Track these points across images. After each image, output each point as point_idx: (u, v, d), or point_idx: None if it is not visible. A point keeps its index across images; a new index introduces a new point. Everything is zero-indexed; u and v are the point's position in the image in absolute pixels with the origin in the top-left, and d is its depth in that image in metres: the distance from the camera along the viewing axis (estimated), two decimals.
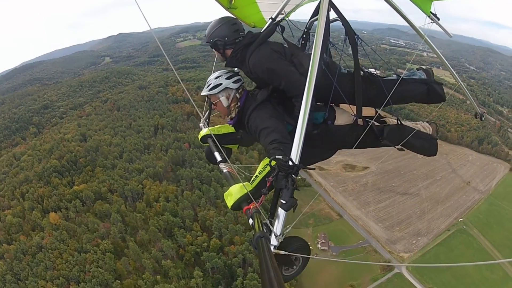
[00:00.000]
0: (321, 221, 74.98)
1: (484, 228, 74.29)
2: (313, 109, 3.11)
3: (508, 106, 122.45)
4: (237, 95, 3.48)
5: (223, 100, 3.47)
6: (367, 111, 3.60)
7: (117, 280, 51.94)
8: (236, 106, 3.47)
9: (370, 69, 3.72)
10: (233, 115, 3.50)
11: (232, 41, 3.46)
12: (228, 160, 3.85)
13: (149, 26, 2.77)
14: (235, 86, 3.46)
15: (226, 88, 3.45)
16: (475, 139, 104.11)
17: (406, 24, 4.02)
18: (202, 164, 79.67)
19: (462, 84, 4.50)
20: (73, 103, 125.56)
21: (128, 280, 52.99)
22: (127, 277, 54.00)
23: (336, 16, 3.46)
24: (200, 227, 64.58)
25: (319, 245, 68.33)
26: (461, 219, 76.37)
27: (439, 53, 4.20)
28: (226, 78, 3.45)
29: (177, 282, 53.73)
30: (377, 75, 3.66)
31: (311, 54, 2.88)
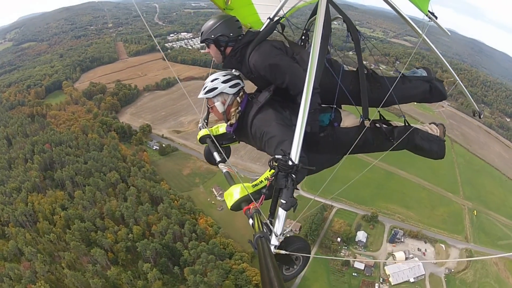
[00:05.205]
0: (206, 177, 78.99)
1: None
2: (319, 110, 3.00)
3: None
4: (238, 99, 3.25)
5: (218, 105, 3.27)
6: (371, 113, 3.42)
7: None
8: (237, 111, 3.23)
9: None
10: (233, 121, 3.26)
11: (235, 38, 3.26)
12: (228, 160, 3.75)
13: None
14: (232, 91, 3.23)
15: (221, 93, 3.23)
16: None
17: None
18: (73, 159, 75.30)
19: (461, 82, 4.29)
20: None
21: None
22: None
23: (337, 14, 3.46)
24: (112, 221, 61.12)
25: (219, 197, 69.82)
26: None
27: (437, 51, 4.06)
28: (222, 82, 3.23)
29: (134, 286, 50.73)
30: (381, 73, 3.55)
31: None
